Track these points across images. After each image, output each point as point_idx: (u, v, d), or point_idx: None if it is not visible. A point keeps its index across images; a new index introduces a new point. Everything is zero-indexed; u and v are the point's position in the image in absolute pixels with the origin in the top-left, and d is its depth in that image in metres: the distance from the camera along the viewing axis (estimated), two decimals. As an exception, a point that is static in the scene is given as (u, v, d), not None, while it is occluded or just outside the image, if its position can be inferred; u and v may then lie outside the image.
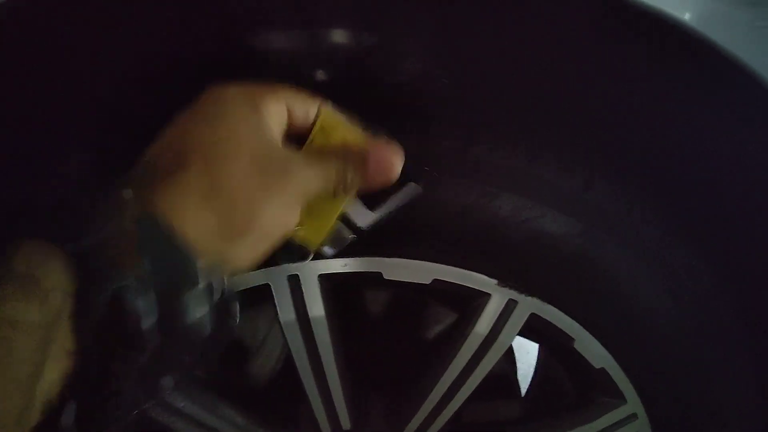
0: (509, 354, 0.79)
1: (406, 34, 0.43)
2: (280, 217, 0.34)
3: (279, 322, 0.50)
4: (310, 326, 0.50)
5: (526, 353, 0.99)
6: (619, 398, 0.56)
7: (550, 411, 0.67)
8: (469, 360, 0.53)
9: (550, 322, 0.52)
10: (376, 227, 0.41)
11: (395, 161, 0.37)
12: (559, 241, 0.47)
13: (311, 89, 0.40)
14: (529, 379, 0.92)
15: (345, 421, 0.58)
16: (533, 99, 0.45)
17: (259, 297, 0.49)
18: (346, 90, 0.45)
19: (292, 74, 0.46)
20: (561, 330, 0.52)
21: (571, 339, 0.53)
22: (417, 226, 0.47)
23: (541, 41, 0.42)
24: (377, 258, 0.49)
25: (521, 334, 0.52)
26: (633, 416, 0.57)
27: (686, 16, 0.37)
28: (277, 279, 0.48)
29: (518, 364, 0.87)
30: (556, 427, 0.59)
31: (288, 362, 0.54)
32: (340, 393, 0.55)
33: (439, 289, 0.51)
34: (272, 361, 0.64)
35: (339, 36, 0.43)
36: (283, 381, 0.65)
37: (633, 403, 0.56)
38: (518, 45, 0.42)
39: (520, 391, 0.77)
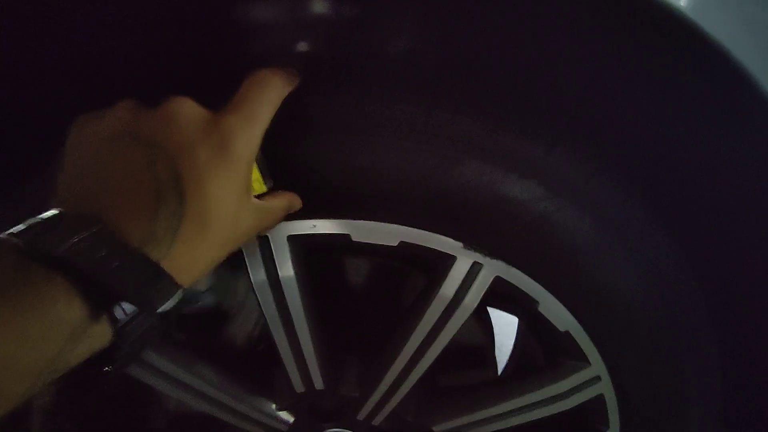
0: (487, 325, 0.81)
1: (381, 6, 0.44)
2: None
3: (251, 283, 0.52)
4: (281, 287, 0.52)
5: (507, 325, 1.00)
6: (584, 361, 0.58)
7: (518, 374, 0.69)
8: (436, 322, 0.54)
9: (515, 286, 0.53)
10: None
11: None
12: (521, 205, 0.48)
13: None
14: (509, 350, 0.95)
15: (318, 382, 0.59)
16: (495, 65, 0.46)
17: (237, 260, 0.51)
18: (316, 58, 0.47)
19: (271, 46, 0.47)
20: (525, 293, 0.54)
21: (536, 302, 0.54)
22: (383, 189, 0.48)
23: (505, 9, 0.42)
24: (345, 220, 0.50)
25: (486, 297, 0.53)
26: (596, 378, 0.59)
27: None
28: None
29: (499, 336, 0.89)
30: (522, 389, 0.60)
31: (265, 325, 0.55)
32: (312, 354, 0.57)
33: (407, 252, 0.53)
34: (250, 324, 0.66)
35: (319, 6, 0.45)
36: (259, 343, 0.67)
37: (597, 365, 0.58)
38: (480, 11, 0.43)
39: (495, 361, 0.79)
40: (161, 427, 0.72)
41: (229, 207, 0.39)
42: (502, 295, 0.54)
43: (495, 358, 0.80)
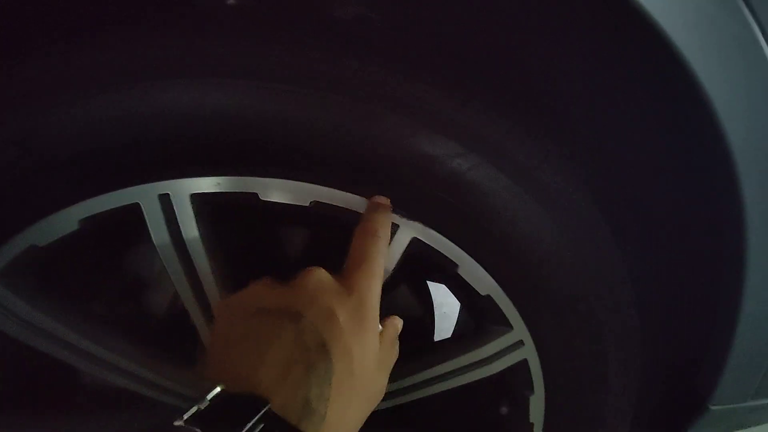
0: (427, 300, 0.80)
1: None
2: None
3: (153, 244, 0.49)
4: (186, 249, 0.49)
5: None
6: (506, 326, 0.57)
7: (445, 341, 0.68)
8: (353, 285, 0.53)
9: (433, 248, 0.52)
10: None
11: None
12: (435, 162, 0.47)
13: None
14: (454, 323, 0.94)
15: (235, 349, 0.57)
16: (408, 13, 0.44)
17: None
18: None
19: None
20: (444, 256, 0.52)
21: (455, 265, 0.53)
22: (291, 145, 0.46)
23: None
24: (252, 177, 0.48)
25: (404, 259, 0.52)
26: (519, 343, 0.58)
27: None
28: (146, 198, 0.47)
29: (443, 309, 0.88)
30: (446, 355, 0.60)
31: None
32: (226, 319, 0.54)
33: (320, 213, 0.51)
34: (170, 294, 0.63)
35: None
36: (179, 312, 0.65)
37: (519, 330, 0.57)
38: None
39: (431, 331, 0.79)
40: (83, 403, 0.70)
41: (371, 361, 0.42)
42: (419, 255, 0.52)
43: (431, 328, 0.79)
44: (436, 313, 0.84)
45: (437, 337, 0.85)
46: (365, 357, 0.41)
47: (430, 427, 0.69)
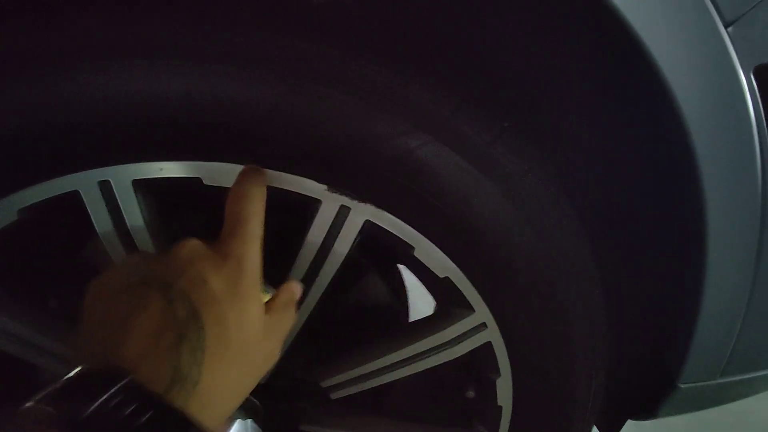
0: (394, 282, 0.79)
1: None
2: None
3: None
4: (131, 237, 0.48)
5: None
6: (468, 308, 0.56)
7: (409, 325, 0.67)
8: (308, 269, 0.52)
9: (388, 230, 0.51)
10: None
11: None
12: (383, 141, 0.45)
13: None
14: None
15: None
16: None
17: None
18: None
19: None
20: (399, 238, 0.51)
21: (411, 247, 0.52)
22: (236, 126, 0.44)
23: None
24: (196, 162, 0.46)
25: (359, 242, 0.50)
26: (482, 325, 0.57)
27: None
28: (85, 185, 0.46)
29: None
30: (409, 338, 0.59)
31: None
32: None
33: (268, 197, 0.49)
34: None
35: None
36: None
37: (481, 312, 0.56)
38: None
39: (403, 315, 0.78)
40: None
41: (252, 328, 0.41)
42: (374, 238, 0.51)
43: (402, 312, 0.78)
44: (418, 292, 0.83)
45: (418, 316, 0.85)
46: (244, 322, 0.40)
47: (398, 412, 0.68)
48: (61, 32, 0.42)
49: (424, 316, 0.64)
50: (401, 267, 0.87)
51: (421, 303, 0.89)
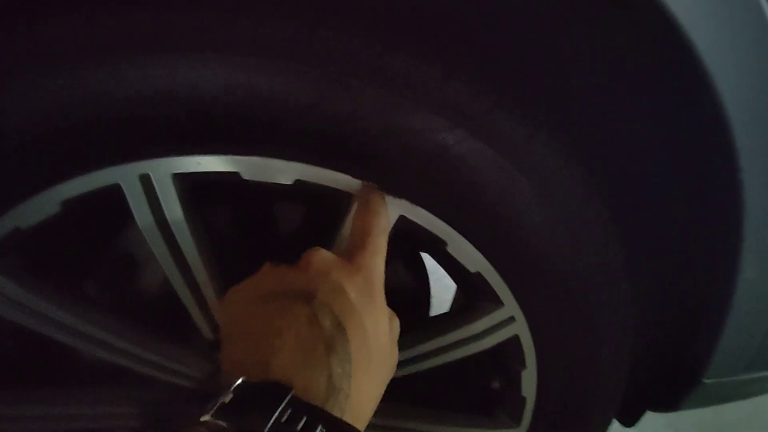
0: (421, 276, 0.79)
1: None
2: None
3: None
4: (170, 229, 0.49)
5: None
6: (497, 302, 0.57)
7: (439, 317, 0.68)
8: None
9: (421, 225, 0.51)
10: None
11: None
12: (419, 136, 0.45)
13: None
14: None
15: (226, 328, 0.58)
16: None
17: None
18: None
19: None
20: (432, 233, 0.52)
21: (444, 242, 0.52)
22: (271, 122, 0.45)
23: None
24: (234, 156, 0.47)
25: (393, 238, 0.51)
26: (511, 319, 0.58)
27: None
28: (127, 179, 0.46)
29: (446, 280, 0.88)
30: (439, 331, 0.60)
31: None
32: (215, 300, 0.54)
33: (304, 192, 0.50)
34: (157, 275, 0.63)
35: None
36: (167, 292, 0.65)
37: (510, 306, 0.57)
38: None
39: (427, 305, 0.79)
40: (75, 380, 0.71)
41: (385, 337, 0.42)
42: (408, 233, 0.51)
43: (426, 303, 0.79)
44: (439, 284, 0.83)
45: (440, 309, 0.85)
46: (378, 331, 0.41)
47: (424, 401, 0.70)
48: (104, 25, 0.42)
49: (453, 309, 0.64)
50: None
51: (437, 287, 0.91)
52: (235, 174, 0.47)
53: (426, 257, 0.76)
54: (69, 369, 0.62)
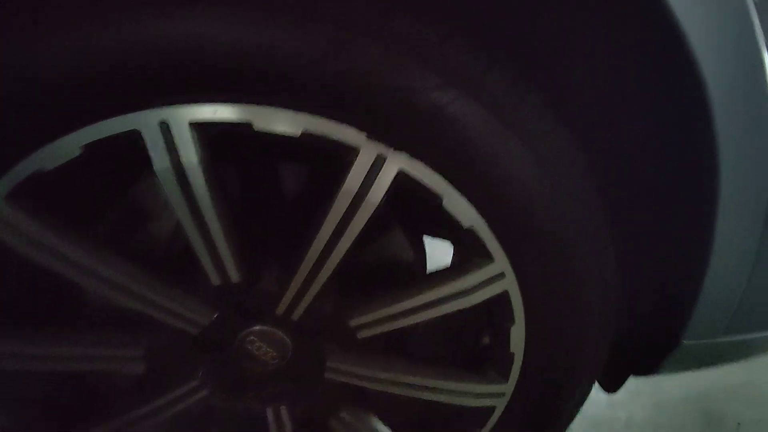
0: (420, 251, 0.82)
1: None
2: None
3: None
4: (185, 174, 0.52)
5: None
6: (488, 257, 0.60)
7: (432, 273, 0.71)
8: (341, 219, 0.55)
9: (418, 181, 0.54)
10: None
11: None
12: (417, 94, 0.49)
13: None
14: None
15: (234, 274, 0.61)
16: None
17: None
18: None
19: None
20: (429, 188, 0.55)
21: (440, 197, 0.56)
22: (286, 73, 0.48)
23: None
24: (247, 106, 0.50)
25: (390, 193, 0.54)
26: (500, 275, 0.61)
27: None
28: (146, 125, 0.50)
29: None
30: (427, 286, 0.63)
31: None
32: (224, 244, 0.58)
33: (310, 144, 0.53)
34: (172, 222, 0.66)
35: None
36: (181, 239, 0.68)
37: (500, 262, 0.60)
38: None
39: (421, 263, 0.82)
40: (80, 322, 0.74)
41: None
42: (405, 188, 0.55)
43: (419, 258, 0.82)
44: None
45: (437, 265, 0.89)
46: None
47: (415, 354, 0.73)
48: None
49: (446, 265, 0.67)
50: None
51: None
52: (248, 126, 0.51)
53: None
54: (76, 310, 0.66)
